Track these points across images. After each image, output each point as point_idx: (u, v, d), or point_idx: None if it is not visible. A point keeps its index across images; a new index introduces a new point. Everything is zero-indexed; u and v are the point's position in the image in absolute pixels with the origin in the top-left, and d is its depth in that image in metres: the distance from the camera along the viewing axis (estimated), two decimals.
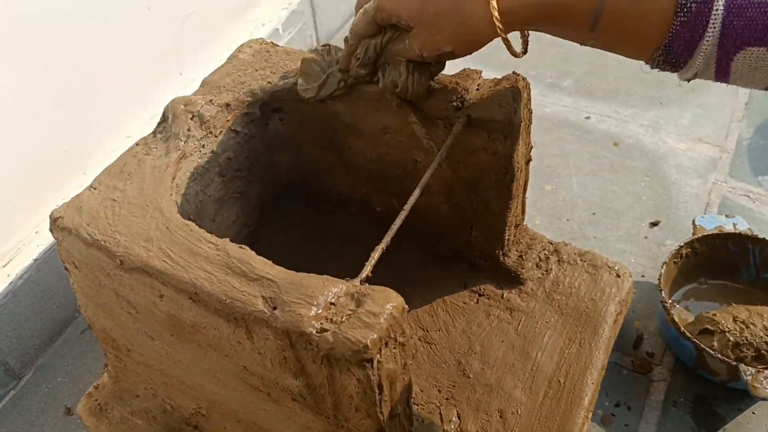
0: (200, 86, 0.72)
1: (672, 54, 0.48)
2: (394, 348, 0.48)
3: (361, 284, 0.49)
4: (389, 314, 0.46)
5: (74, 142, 0.95)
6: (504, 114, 0.63)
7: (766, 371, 0.72)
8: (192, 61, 1.11)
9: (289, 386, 0.52)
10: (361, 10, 0.59)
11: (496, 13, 0.50)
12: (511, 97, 0.63)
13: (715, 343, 0.78)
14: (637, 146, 1.13)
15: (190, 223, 0.56)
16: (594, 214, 1.03)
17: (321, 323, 0.47)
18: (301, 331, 0.46)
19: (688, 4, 0.46)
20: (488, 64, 1.31)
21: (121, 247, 0.55)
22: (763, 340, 0.77)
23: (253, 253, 0.52)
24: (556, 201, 1.06)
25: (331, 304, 0.48)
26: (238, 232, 0.77)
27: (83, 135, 0.96)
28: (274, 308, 0.48)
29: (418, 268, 0.77)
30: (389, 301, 0.47)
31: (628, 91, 1.23)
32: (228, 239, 0.54)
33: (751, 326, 0.77)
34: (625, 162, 1.11)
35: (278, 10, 1.27)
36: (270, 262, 0.51)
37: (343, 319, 0.46)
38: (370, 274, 0.51)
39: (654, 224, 1.01)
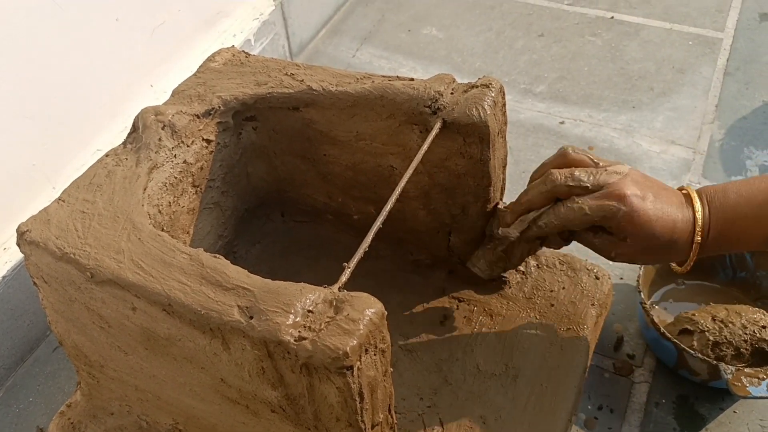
0: (171, 96, 0.71)
1: None
2: (375, 355, 0.47)
3: (339, 291, 0.48)
4: (369, 320, 0.45)
5: (42, 156, 0.93)
6: (479, 117, 0.62)
7: (746, 369, 0.72)
8: (162, 72, 1.10)
9: (268, 397, 0.51)
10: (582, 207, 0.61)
11: (694, 255, 0.62)
12: (485, 101, 0.63)
13: (695, 343, 0.78)
14: (612, 150, 1.14)
15: (162, 233, 0.55)
16: None
17: (299, 331, 0.46)
18: (279, 340, 0.45)
19: None
20: (461, 71, 1.32)
21: (91, 259, 0.54)
22: (742, 338, 0.77)
23: (228, 262, 0.51)
24: None
25: (309, 311, 0.47)
26: (214, 244, 0.75)
27: (52, 149, 0.94)
28: (251, 317, 0.47)
29: (397, 275, 0.76)
30: (369, 307, 0.46)
31: (601, 96, 1.24)
32: (202, 249, 0.53)
33: (730, 325, 0.77)
34: None
35: (249, 21, 1.26)
36: (245, 270, 0.50)
37: (322, 327, 0.45)
38: (346, 278, 0.50)
39: None
